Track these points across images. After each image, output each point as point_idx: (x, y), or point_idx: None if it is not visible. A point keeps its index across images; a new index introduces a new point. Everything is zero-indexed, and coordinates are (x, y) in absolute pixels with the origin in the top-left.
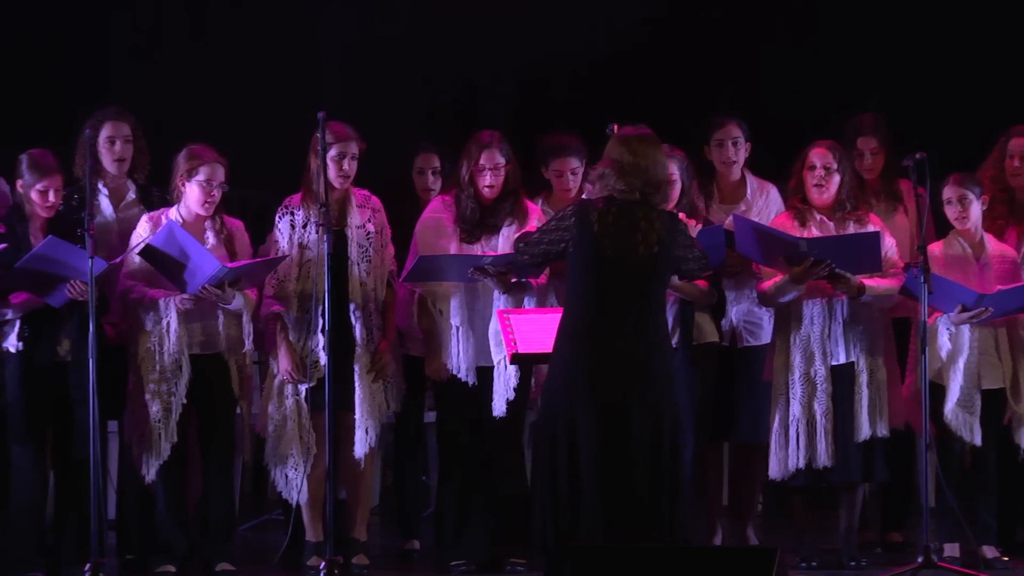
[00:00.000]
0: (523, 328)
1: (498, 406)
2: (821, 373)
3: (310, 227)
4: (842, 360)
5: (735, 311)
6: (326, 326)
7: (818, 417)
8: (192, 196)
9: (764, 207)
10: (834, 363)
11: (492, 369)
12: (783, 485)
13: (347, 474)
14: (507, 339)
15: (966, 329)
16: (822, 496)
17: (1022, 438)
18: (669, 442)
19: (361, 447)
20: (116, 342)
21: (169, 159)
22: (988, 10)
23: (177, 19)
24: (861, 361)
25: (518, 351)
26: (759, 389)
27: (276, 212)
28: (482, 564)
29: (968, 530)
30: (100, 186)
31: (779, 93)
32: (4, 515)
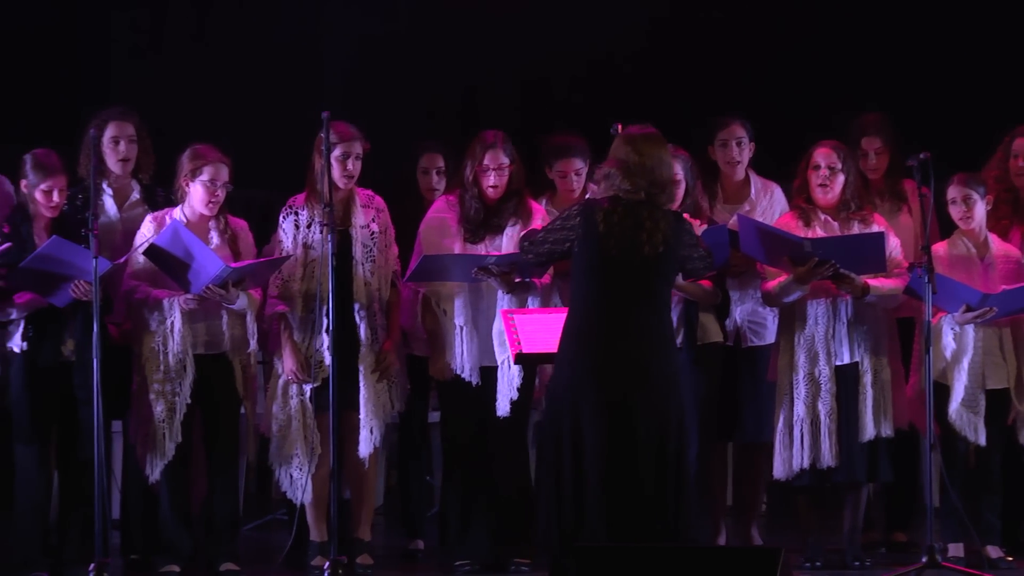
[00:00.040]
0: (527, 328)
1: (502, 406)
2: (825, 373)
3: (314, 227)
4: (846, 360)
5: (739, 311)
6: (330, 326)
7: (822, 417)
8: (196, 196)
9: (768, 207)
10: (838, 363)
11: (496, 369)
12: (787, 485)
13: (351, 474)
14: (511, 339)
15: (970, 329)
16: (826, 496)
17: None
18: (674, 442)
19: (365, 447)
20: (120, 342)
21: (173, 159)
22: (992, 10)
23: (181, 18)
24: (865, 361)
25: (522, 351)
26: (763, 389)
27: (280, 212)
28: (486, 564)
29: (972, 530)
30: (104, 186)
31: (780, 93)
32: (8, 515)
